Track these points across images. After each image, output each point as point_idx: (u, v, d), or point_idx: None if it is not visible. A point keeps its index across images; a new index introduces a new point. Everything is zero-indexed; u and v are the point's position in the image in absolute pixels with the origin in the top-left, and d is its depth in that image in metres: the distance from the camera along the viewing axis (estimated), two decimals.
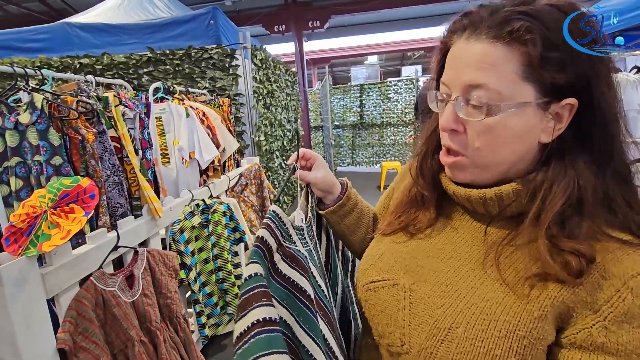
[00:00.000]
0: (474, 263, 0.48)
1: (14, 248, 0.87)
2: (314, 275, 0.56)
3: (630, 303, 0.38)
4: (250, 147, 3.15)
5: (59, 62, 3.06)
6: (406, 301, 0.49)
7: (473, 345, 0.41)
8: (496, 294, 0.43)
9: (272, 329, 0.42)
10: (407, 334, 0.47)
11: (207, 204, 1.74)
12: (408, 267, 0.52)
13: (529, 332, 0.40)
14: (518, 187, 0.45)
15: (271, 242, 0.52)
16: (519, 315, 0.41)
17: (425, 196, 0.55)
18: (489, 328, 0.42)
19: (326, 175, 0.66)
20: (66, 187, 0.97)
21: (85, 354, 0.98)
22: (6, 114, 1.15)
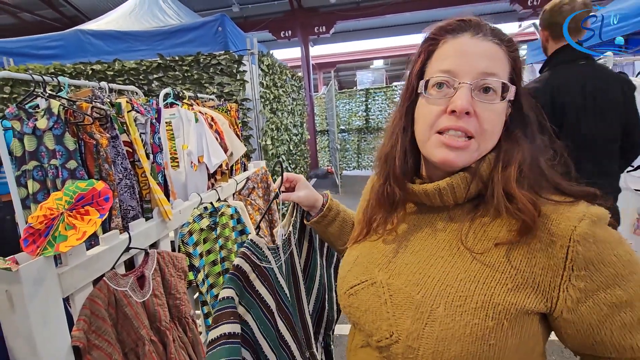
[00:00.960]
0: (442, 251, 0.52)
1: (32, 248, 0.91)
2: (280, 285, 0.70)
3: (583, 252, 0.43)
4: (257, 151, 3.19)
5: (72, 68, 3.15)
6: (386, 295, 0.52)
7: (454, 320, 0.46)
8: (468, 273, 0.48)
9: (233, 341, 0.58)
10: (393, 324, 0.50)
11: (215, 207, 1.78)
12: (381, 265, 0.56)
13: (503, 300, 0.45)
14: (466, 175, 0.52)
15: (246, 267, 0.66)
16: (493, 287, 0.46)
17: (397, 197, 0.59)
18: (465, 302, 0.46)
19: (308, 192, 0.77)
20: (82, 190, 1.01)
21: (98, 351, 1.01)
22: (25, 119, 1.20)
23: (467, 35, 0.52)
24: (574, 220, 0.44)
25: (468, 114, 0.50)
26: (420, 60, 0.57)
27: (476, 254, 0.49)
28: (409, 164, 0.58)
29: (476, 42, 0.51)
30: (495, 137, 0.52)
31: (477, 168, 0.51)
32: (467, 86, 0.50)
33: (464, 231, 0.51)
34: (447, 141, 0.51)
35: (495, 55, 0.51)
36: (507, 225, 0.48)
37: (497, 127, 0.52)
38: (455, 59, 0.52)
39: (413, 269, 0.52)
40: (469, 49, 0.51)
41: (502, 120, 0.52)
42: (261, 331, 0.63)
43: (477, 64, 0.50)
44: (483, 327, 0.44)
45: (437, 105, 0.52)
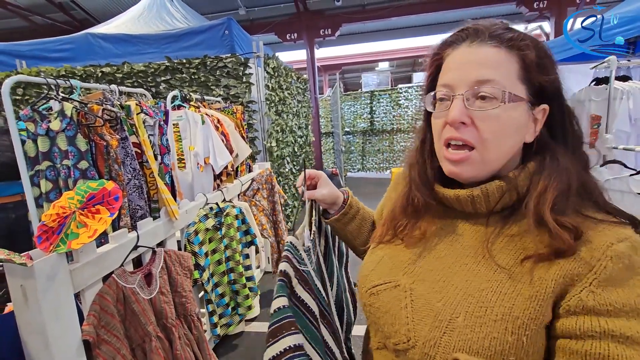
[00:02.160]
0: (466, 258, 0.52)
1: (45, 245, 0.94)
2: (318, 288, 0.64)
3: (611, 269, 0.42)
4: (262, 153, 3.23)
5: (82, 70, 3.21)
6: (407, 300, 0.52)
7: (473, 331, 0.45)
8: (490, 283, 0.47)
9: (300, 353, 0.51)
10: (411, 329, 0.49)
11: (221, 207, 1.81)
12: (406, 268, 0.56)
13: (522, 313, 0.44)
14: (500, 184, 0.50)
15: (290, 271, 0.60)
16: (514, 299, 0.45)
17: (428, 204, 0.58)
18: (485, 314, 0.45)
19: (331, 190, 0.74)
20: (93, 189, 1.05)
21: (107, 346, 1.04)
22: (39, 121, 1.24)
23: (464, 45, 0.51)
24: (613, 238, 0.43)
25: (464, 124, 0.50)
26: (428, 76, 0.57)
27: (500, 265, 0.47)
28: (432, 171, 0.58)
29: (471, 51, 0.51)
30: (504, 146, 0.50)
31: (515, 178, 0.50)
32: (459, 97, 0.50)
33: (491, 240, 0.50)
34: (448, 155, 0.52)
35: (492, 60, 0.49)
36: (536, 240, 0.47)
37: (503, 135, 0.49)
38: (453, 72, 0.52)
39: (436, 276, 0.52)
40: (464, 59, 0.51)
41: (510, 126, 0.49)
42: (309, 341, 0.59)
43: (470, 73, 0.50)
44: (502, 341, 0.43)
45: (440, 119, 0.53)
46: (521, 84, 0.49)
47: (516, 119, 0.49)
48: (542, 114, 0.51)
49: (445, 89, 0.52)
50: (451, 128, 0.51)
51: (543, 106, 0.50)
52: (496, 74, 0.49)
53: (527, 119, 0.50)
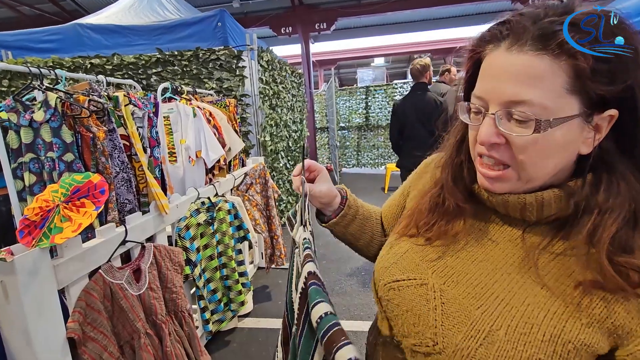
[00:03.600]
0: (509, 266, 0.47)
1: (27, 240, 0.91)
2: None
3: None
4: (255, 147, 3.19)
5: (70, 62, 3.14)
6: (437, 301, 0.48)
7: (515, 349, 0.41)
8: (537, 299, 0.43)
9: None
10: (439, 333, 0.46)
11: (213, 202, 1.78)
12: (436, 267, 0.51)
13: (574, 338, 0.40)
14: (559, 194, 0.45)
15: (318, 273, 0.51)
16: (565, 320, 0.41)
17: (460, 207, 0.53)
18: (531, 332, 0.41)
19: (329, 187, 0.66)
20: (78, 182, 1.01)
21: (94, 343, 1.01)
22: (22, 111, 1.19)
23: (502, 47, 0.44)
24: None
25: (497, 144, 0.45)
26: (466, 72, 0.51)
27: (547, 282, 0.43)
28: (469, 172, 0.54)
29: (509, 59, 0.42)
30: (545, 166, 0.44)
31: (575, 188, 0.44)
32: (491, 117, 0.44)
33: (538, 252, 0.45)
34: (482, 170, 0.48)
35: (532, 73, 0.41)
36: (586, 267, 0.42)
37: (542, 157, 0.44)
38: (486, 83, 0.46)
39: (473, 281, 0.47)
40: (500, 68, 0.44)
41: (552, 148, 0.43)
42: None
43: (504, 89, 0.43)
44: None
45: (474, 131, 0.49)
46: (571, 96, 0.41)
47: (559, 139, 0.42)
48: (609, 120, 0.42)
49: (478, 102, 0.47)
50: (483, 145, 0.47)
51: (610, 112, 0.42)
52: (535, 92, 0.41)
53: (580, 132, 0.43)
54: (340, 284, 2.57)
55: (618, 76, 0.40)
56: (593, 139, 0.43)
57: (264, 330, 2.06)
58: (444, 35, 10.30)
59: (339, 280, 2.61)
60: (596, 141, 0.43)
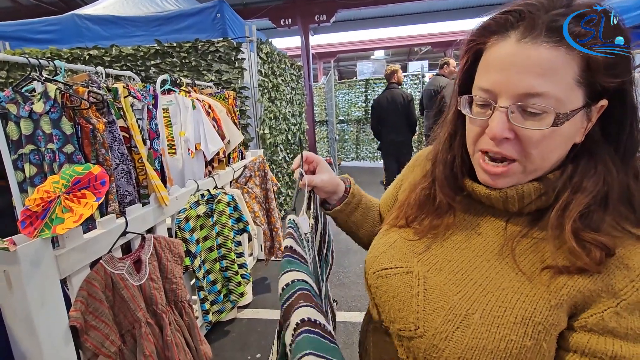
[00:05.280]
0: (489, 254, 0.49)
1: (29, 230, 0.92)
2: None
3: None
4: (254, 140, 3.19)
5: (68, 53, 3.11)
6: (420, 287, 0.50)
7: (489, 331, 0.43)
8: (512, 283, 0.45)
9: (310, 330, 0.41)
10: (421, 318, 0.48)
11: (212, 194, 1.79)
12: (421, 255, 0.53)
13: (544, 319, 0.42)
14: (538, 186, 0.46)
15: (297, 248, 0.53)
16: (535, 302, 0.42)
17: (442, 203, 0.54)
18: (504, 315, 0.43)
19: (331, 176, 0.67)
20: (78, 173, 1.02)
21: (96, 332, 1.03)
22: (21, 103, 1.19)
23: (512, 37, 0.42)
24: None
25: (507, 138, 0.45)
26: (464, 64, 0.50)
27: (521, 266, 0.45)
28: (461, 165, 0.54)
29: (522, 50, 0.41)
30: (551, 159, 0.45)
31: (555, 180, 0.45)
32: (502, 110, 0.43)
33: (517, 240, 0.47)
34: (485, 167, 0.48)
35: (548, 66, 0.40)
36: (556, 250, 0.44)
37: (551, 150, 0.44)
38: (496, 75, 0.44)
39: (454, 268, 0.49)
40: (512, 60, 0.42)
41: (560, 140, 0.44)
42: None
43: (519, 81, 0.42)
44: (520, 345, 0.41)
45: (477, 126, 0.48)
46: (578, 88, 0.41)
47: (568, 130, 0.43)
48: (599, 109, 0.44)
49: (485, 95, 0.45)
50: (490, 140, 0.46)
51: (601, 102, 0.43)
52: (550, 85, 0.40)
53: (581, 124, 0.44)
54: (338, 275, 2.60)
55: (620, 68, 0.41)
56: (585, 128, 0.44)
57: (263, 321, 2.09)
58: (444, 28, 10.21)
59: (337, 273, 2.64)
60: (587, 130, 0.45)
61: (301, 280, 0.46)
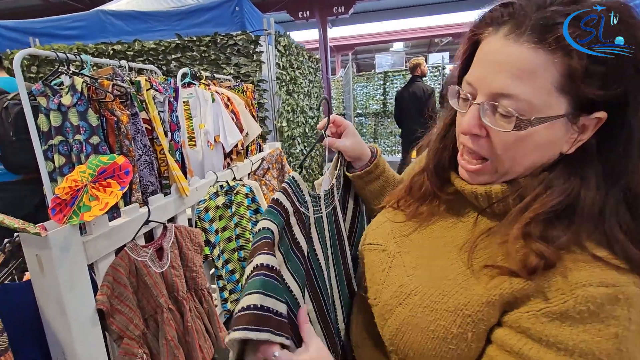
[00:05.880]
0: (453, 247, 0.51)
1: (59, 217, 0.96)
2: (312, 239, 0.61)
3: (571, 307, 0.38)
4: (272, 132, 3.21)
5: (94, 48, 3.21)
6: (386, 265, 0.55)
7: (423, 312, 0.47)
8: (458, 276, 0.47)
9: (267, 273, 0.45)
10: (379, 290, 0.54)
11: (231, 185, 1.82)
12: (400, 238, 0.57)
13: (474, 313, 0.44)
14: (505, 189, 0.46)
15: (287, 205, 0.55)
16: (470, 297, 0.45)
17: (435, 193, 0.56)
18: (441, 301, 0.46)
19: (355, 142, 0.69)
20: (104, 163, 1.05)
21: (121, 316, 1.08)
22: (50, 96, 1.24)
23: (501, 32, 0.42)
24: (594, 280, 0.38)
25: (478, 136, 0.45)
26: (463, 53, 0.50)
27: (474, 263, 0.47)
28: (450, 157, 0.55)
29: (504, 47, 0.41)
30: (523, 163, 0.45)
31: (525, 186, 0.45)
32: (475, 107, 0.44)
33: (480, 237, 0.49)
34: (461, 162, 0.50)
35: (524, 67, 0.39)
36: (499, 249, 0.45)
37: (521, 154, 0.44)
38: (478, 69, 0.44)
39: (422, 253, 0.53)
40: (493, 56, 0.42)
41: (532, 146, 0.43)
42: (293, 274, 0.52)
43: (493, 79, 0.42)
44: (446, 330, 0.45)
45: (461, 118, 0.49)
46: (561, 95, 0.40)
47: (542, 138, 0.42)
48: (596, 122, 0.41)
49: (468, 89, 0.46)
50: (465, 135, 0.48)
51: (598, 114, 0.40)
52: (523, 87, 0.39)
53: (564, 132, 0.42)
54: None
55: (613, 81, 0.38)
56: (575, 139, 0.43)
57: None
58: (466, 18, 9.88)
59: None
60: (579, 142, 0.43)
61: (270, 229, 0.50)
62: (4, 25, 3.65)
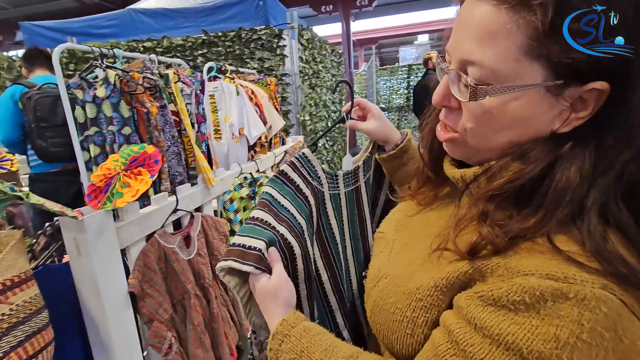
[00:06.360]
0: (434, 232, 0.49)
1: (94, 203, 1.01)
2: (327, 214, 0.65)
3: (505, 294, 0.34)
4: (295, 126, 3.22)
5: (125, 45, 3.34)
6: (378, 250, 0.57)
7: (387, 294, 0.47)
8: (420, 260, 0.47)
9: (257, 224, 0.56)
10: (368, 272, 0.56)
11: (255, 177, 1.84)
12: (401, 226, 0.58)
13: (424, 297, 0.43)
14: (477, 170, 0.43)
15: (293, 175, 0.61)
16: (422, 281, 0.44)
17: (428, 176, 0.56)
18: (402, 284, 0.46)
19: (380, 126, 0.68)
20: (135, 152, 1.09)
21: (151, 299, 1.12)
22: (86, 88, 1.30)
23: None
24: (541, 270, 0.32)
25: (450, 107, 0.43)
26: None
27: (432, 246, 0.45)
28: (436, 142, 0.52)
29: (472, 9, 0.37)
30: (494, 139, 0.40)
31: (498, 166, 0.40)
32: (445, 77, 0.42)
33: (445, 218, 0.49)
34: (438, 131, 0.47)
35: (487, 29, 0.35)
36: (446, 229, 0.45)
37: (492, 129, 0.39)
38: (452, 35, 0.41)
39: (411, 240, 0.53)
40: (461, 19, 0.39)
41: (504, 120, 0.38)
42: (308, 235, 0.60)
43: (462, 45, 0.38)
44: (403, 314, 0.44)
45: None
46: (532, 62, 0.34)
47: (515, 111, 0.37)
48: (597, 95, 0.34)
49: (447, 57, 0.43)
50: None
51: (594, 85, 0.33)
52: (487, 51, 0.35)
53: (547, 106, 0.36)
54: None
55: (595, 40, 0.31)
56: (569, 116, 0.36)
57: None
58: None
59: None
60: (577, 120, 0.36)
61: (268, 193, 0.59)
62: (46, 25, 3.87)
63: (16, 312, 0.70)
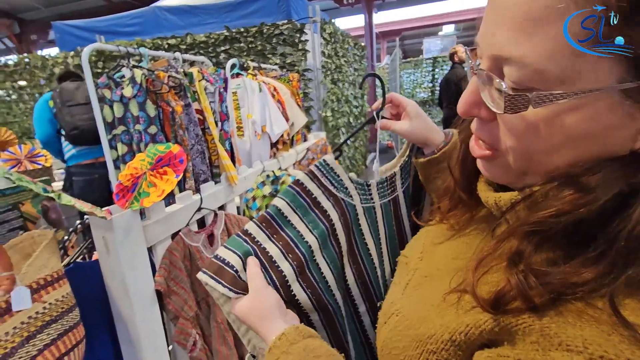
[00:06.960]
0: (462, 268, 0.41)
1: (122, 202, 1.02)
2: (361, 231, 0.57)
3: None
4: (317, 122, 3.19)
5: (151, 43, 3.41)
6: (400, 278, 0.50)
7: (396, 337, 0.40)
8: (441, 303, 0.37)
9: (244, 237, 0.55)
10: (383, 304, 0.48)
11: (277, 175, 1.83)
12: (427, 253, 0.49)
13: (438, 351, 0.34)
14: (515, 196, 0.34)
15: (310, 185, 0.55)
16: (436, 329, 0.35)
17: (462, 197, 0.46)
18: (413, 327, 0.38)
19: (418, 126, 0.57)
20: (161, 152, 1.10)
21: (176, 297, 1.13)
22: (114, 88, 1.32)
23: None
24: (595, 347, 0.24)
25: (481, 118, 0.33)
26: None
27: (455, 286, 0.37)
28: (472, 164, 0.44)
29: None
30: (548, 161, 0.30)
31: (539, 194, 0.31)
32: (474, 79, 0.32)
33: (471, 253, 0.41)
34: (472, 146, 0.37)
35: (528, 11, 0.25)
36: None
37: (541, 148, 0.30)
38: (483, 22, 0.31)
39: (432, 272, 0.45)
40: (492, 4, 0.29)
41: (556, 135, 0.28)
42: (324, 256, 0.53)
43: (493, 36, 0.29)
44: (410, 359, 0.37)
45: None
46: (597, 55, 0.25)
47: (575, 126, 0.27)
48: None
49: (478, 51, 0.33)
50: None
51: None
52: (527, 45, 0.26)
53: (621, 116, 0.26)
54: None
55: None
56: None
57: None
58: None
59: None
60: None
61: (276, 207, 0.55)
62: (75, 25, 4.00)
63: (49, 310, 0.72)
